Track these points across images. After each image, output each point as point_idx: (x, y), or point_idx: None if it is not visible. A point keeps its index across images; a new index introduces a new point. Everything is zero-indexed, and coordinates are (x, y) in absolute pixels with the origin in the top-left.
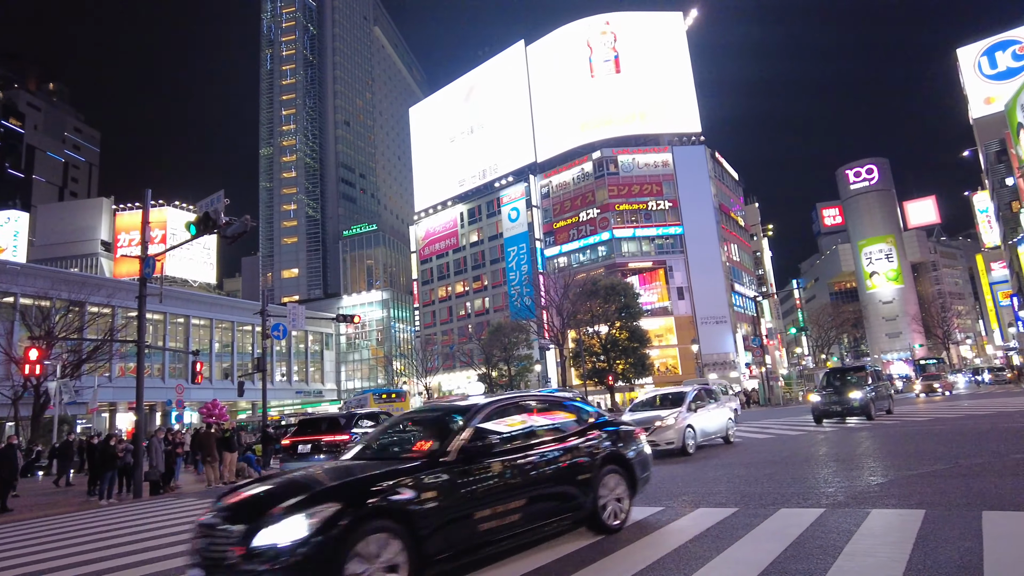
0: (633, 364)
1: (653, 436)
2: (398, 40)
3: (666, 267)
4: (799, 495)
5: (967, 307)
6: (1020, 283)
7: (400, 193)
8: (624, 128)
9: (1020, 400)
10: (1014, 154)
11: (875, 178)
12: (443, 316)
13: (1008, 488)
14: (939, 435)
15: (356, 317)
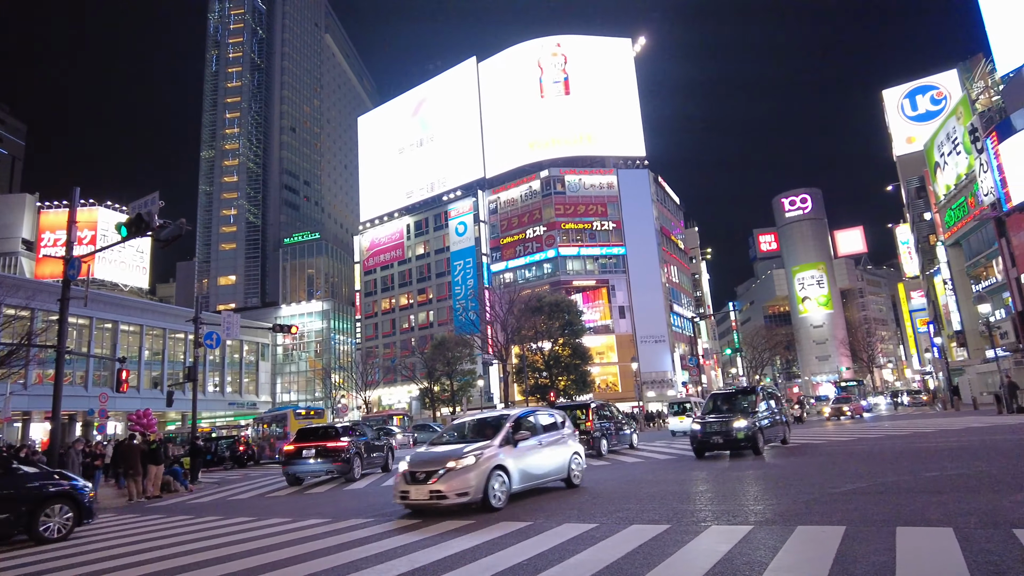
0: (575, 381)
1: (440, 484)
2: (349, 49)
3: (609, 286)
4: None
5: (890, 332)
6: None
7: (345, 202)
8: (572, 149)
9: (933, 421)
10: (931, 191)
11: (808, 207)
12: (386, 329)
13: (920, 504)
14: (858, 455)
15: (294, 327)
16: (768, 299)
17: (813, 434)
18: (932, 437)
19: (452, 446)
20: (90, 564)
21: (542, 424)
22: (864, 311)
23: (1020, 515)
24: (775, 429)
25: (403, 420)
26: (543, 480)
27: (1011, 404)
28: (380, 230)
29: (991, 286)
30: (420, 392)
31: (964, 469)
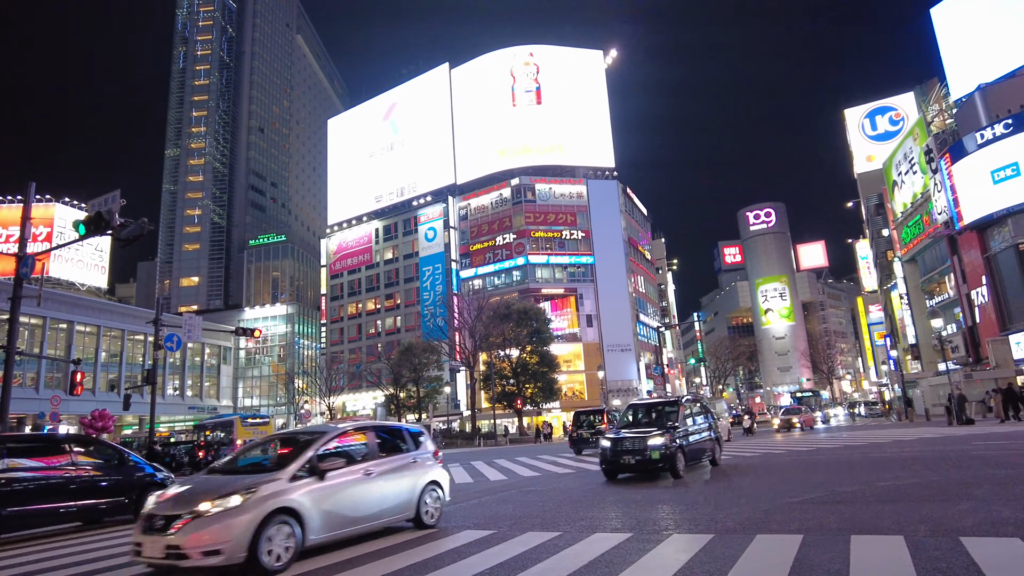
0: (542, 388)
1: (179, 536)
2: (320, 51)
3: (577, 295)
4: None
5: (849, 345)
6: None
7: (313, 205)
8: (543, 158)
9: (888, 432)
10: (890, 208)
11: (772, 221)
12: (352, 334)
13: (874, 513)
14: (817, 465)
15: (257, 331)
16: (732, 310)
17: (756, 448)
18: (887, 447)
19: (232, 477)
20: None
21: (375, 445)
22: (825, 324)
23: (966, 523)
24: (702, 447)
25: None
26: (371, 523)
27: (960, 416)
28: (348, 233)
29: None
30: (386, 398)
31: (915, 479)
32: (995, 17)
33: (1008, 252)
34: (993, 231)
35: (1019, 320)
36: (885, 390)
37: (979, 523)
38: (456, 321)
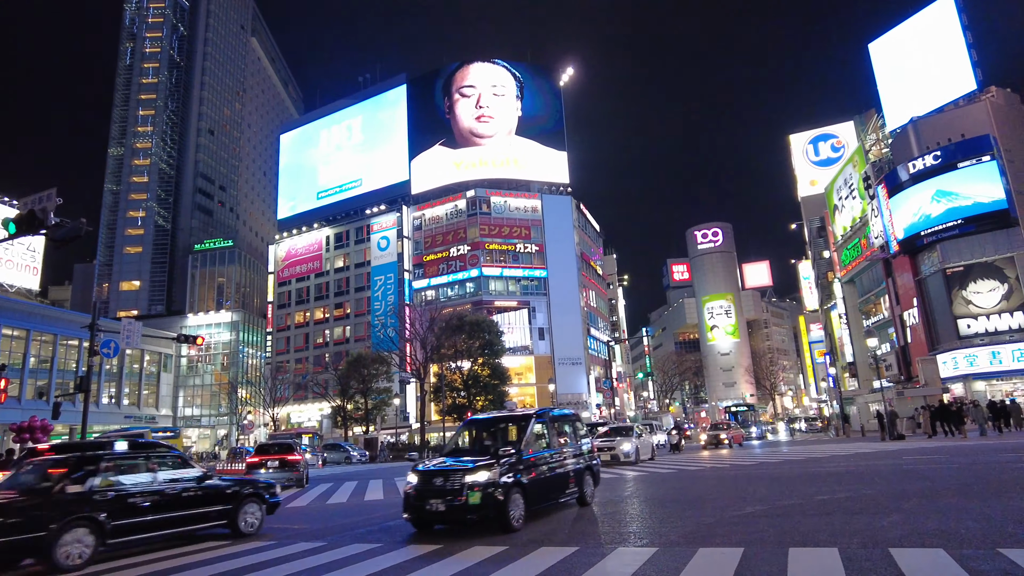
0: (493, 401)
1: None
2: (276, 55)
3: (530, 308)
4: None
5: (791, 362)
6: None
7: (263, 210)
8: (499, 171)
9: (826, 447)
10: (831, 231)
11: (719, 240)
12: (298, 343)
13: (811, 526)
14: (759, 478)
15: (200, 338)
16: (679, 326)
17: (668, 469)
18: (824, 462)
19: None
20: None
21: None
22: (768, 341)
23: (896, 535)
24: (557, 481)
25: (312, 439)
26: None
27: (892, 431)
28: (298, 240)
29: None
30: (332, 410)
31: (850, 492)
32: (925, 55)
33: (936, 276)
34: (923, 256)
35: (946, 341)
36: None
37: (907, 534)
38: (407, 332)
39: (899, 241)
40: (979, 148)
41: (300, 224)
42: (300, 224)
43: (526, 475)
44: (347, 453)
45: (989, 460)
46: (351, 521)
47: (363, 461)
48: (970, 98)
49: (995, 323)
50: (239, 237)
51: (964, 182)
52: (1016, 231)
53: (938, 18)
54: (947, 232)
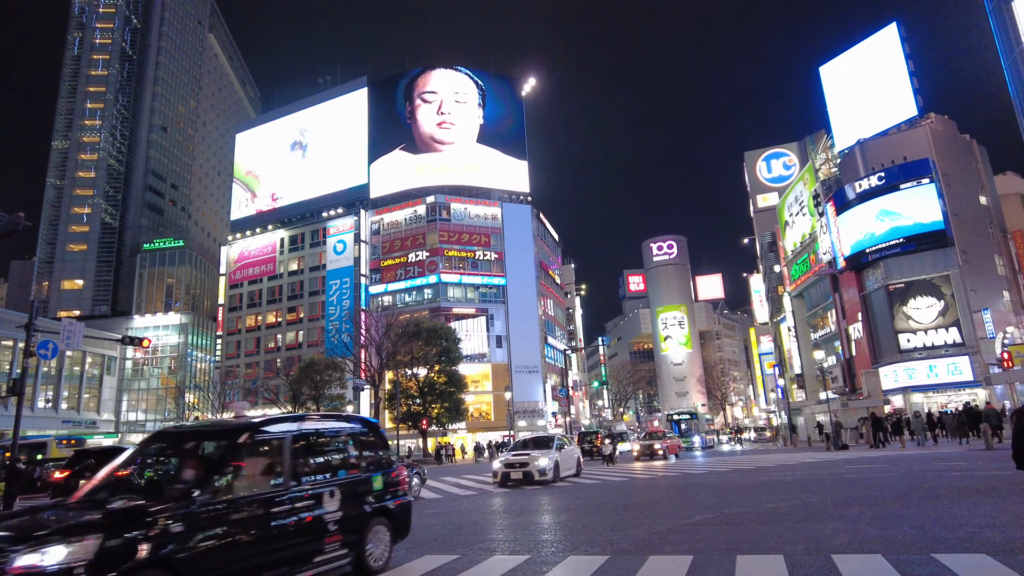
0: (448, 409)
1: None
2: (234, 52)
3: (488, 315)
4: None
5: (741, 373)
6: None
7: (216, 211)
8: (459, 178)
9: (774, 457)
10: (781, 246)
11: (674, 253)
12: (249, 347)
13: (758, 534)
14: (709, 486)
15: (146, 340)
16: (634, 336)
17: (593, 480)
18: (772, 471)
19: None
20: None
21: None
22: (720, 352)
23: (838, 542)
24: (291, 540)
25: None
26: None
27: (837, 441)
28: (251, 242)
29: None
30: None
31: (796, 500)
32: (872, 80)
33: (880, 292)
34: (868, 272)
35: (888, 354)
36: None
37: (849, 541)
38: (362, 338)
39: (846, 257)
40: (920, 171)
41: (254, 225)
42: (254, 225)
43: (192, 539)
44: None
45: (924, 469)
46: None
47: None
48: (912, 123)
49: (932, 338)
50: (190, 237)
51: (906, 203)
52: (952, 251)
53: (884, 46)
54: (890, 250)
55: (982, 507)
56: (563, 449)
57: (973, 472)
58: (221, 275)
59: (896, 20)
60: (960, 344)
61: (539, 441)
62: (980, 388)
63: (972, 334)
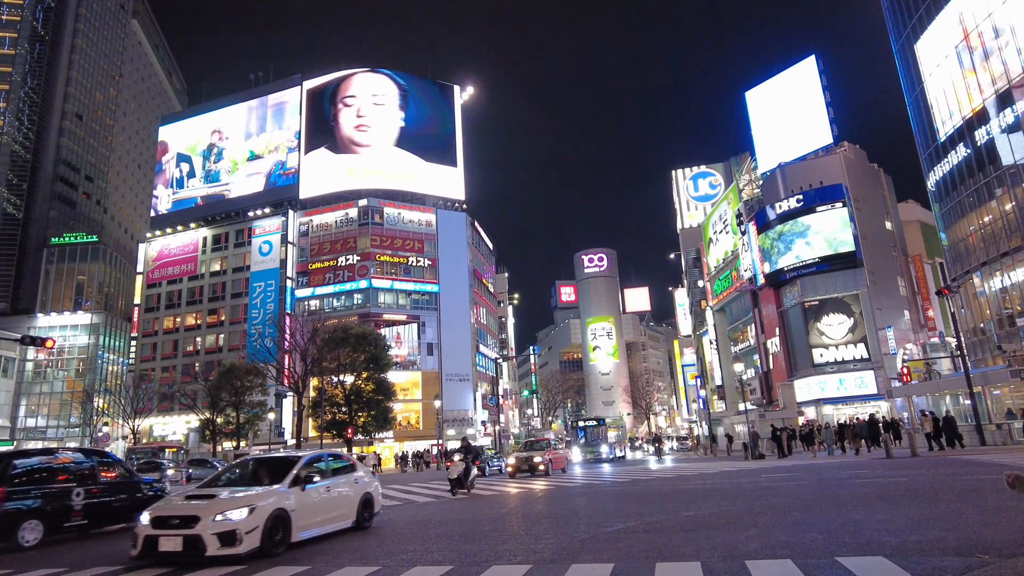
0: (376, 417)
1: None
2: (160, 42)
3: (419, 322)
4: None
5: (665, 384)
6: (703, 367)
7: (135, 206)
8: (394, 182)
9: (696, 465)
10: (705, 262)
11: (605, 266)
12: (166, 350)
13: (677, 541)
14: (632, 494)
15: (49, 340)
16: (564, 346)
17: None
18: (693, 480)
19: None
20: None
21: None
22: (645, 363)
23: (751, 548)
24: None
25: (177, 453)
26: None
27: (754, 451)
28: (172, 240)
29: (745, 348)
30: (200, 423)
31: (714, 508)
32: (793, 107)
33: (796, 308)
34: (786, 290)
35: (802, 368)
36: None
37: (761, 547)
38: (287, 343)
39: (765, 275)
40: (834, 195)
41: (175, 223)
42: (175, 223)
43: None
44: (215, 470)
45: (832, 477)
46: None
47: None
48: (828, 150)
49: (843, 353)
50: (105, 232)
51: (822, 224)
52: (861, 271)
53: (804, 76)
54: (806, 269)
55: (881, 512)
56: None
57: (874, 479)
58: (138, 273)
59: (815, 53)
60: (867, 359)
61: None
62: (883, 401)
63: (877, 350)
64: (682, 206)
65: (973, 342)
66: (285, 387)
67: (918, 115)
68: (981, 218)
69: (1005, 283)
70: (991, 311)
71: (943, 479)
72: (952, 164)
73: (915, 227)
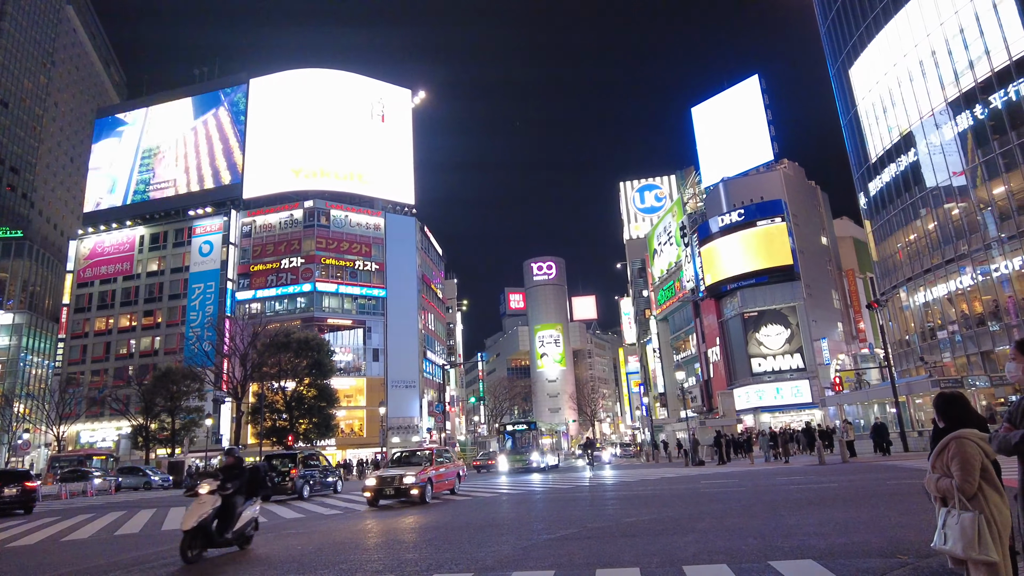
0: (318, 424)
1: None
2: (97, 30)
3: (365, 327)
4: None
5: (610, 391)
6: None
7: (67, 201)
8: (341, 185)
9: (637, 472)
10: (650, 273)
11: (553, 274)
12: (97, 353)
13: (617, 548)
14: (575, 501)
15: None
16: (512, 352)
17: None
18: (635, 486)
19: None
20: None
21: None
22: (591, 370)
23: (689, 553)
24: None
25: (106, 461)
26: None
27: (694, 457)
28: (106, 238)
29: (687, 357)
30: (133, 430)
31: (654, 515)
32: (737, 124)
33: (736, 319)
34: (726, 301)
35: (741, 377)
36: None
37: (699, 552)
38: (226, 347)
39: (707, 286)
40: (774, 210)
41: (111, 220)
42: (111, 220)
43: None
44: (147, 478)
45: (768, 483)
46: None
47: (165, 487)
48: (769, 166)
49: (780, 363)
50: (32, 228)
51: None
52: (798, 284)
53: (747, 94)
54: (746, 281)
55: (812, 517)
56: None
57: (807, 485)
58: (68, 272)
59: (758, 72)
60: (802, 369)
61: None
62: (817, 409)
63: (812, 360)
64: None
65: (899, 353)
66: (224, 392)
67: (852, 136)
68: (907, 236)
69: (928, 298)
70: (915, 324)
71: (869, 484)
72: (882, 184)
73: (848, 243)
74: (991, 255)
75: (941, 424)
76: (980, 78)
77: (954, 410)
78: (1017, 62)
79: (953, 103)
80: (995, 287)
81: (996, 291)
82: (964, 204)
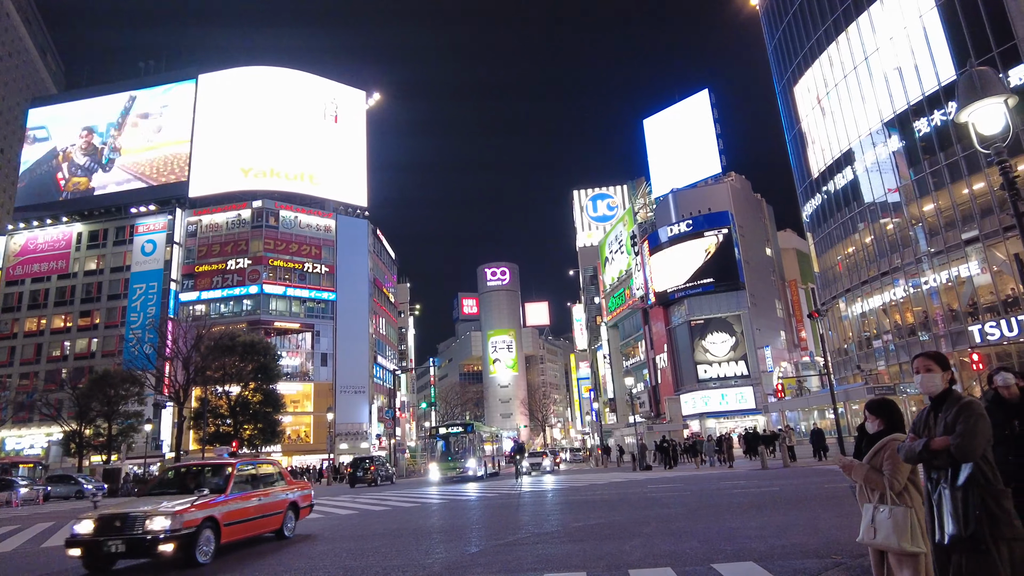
0: (263, 430)
1: None
2: (33, 16)
3: (314, 331)
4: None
5: (561, 396)
6: (597, 381)
7: None
8: (291, 185)
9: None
10: (601, 280)
11: (507, 279)
12: (27, 355)
13: (565, 552)
14: (521, 506)
15: None
16: (465, 358)
17: None
18: (584, 491)
19: None
20: None
21: None
22: (543, 376)
23: (635, 557)
24: None
25: (34, 469)
26: None
27: (642, 462)
28: (41, 233)
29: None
30: (65, 436)
31: (602, 519)
32: (686, 136)
33: (683, 327)
34: (674, 308)
35: (688, 383)
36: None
37: (644, 556)
38: (168, 349)
39: (656, 294)
40: (721, 221)
41: (45, 214)
42: (45, 214)
43: None
44: (79, 487)
45: (713, 487)
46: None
47: (100, 495)
48: (716, 179)
49: (725, 370)
50: None
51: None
52: (743, 294)
53: (697, 108)
54: (693, 289)
55: (754, 520)
56: None
57: (750, 490)
58: None
59: (708, 87)
60: (747, 376)
61: None
62: (761, 415)
63: (756, 367)
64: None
65: (838, 361)
66: (165, 397)
67: (796, 151)
68: (846, 249)
69: (864, 308)
70: (853, 333)
71: (808, 488)
72: (823, 198)
73: (792, 254)
74: (922, 269)
75: (872, 427)
76: (912, 101)
77: (893, 415)
78: (946, 88)
79: (888, 123)
80: (925, 299)
81: (926, 303)
82: (898, 220)
